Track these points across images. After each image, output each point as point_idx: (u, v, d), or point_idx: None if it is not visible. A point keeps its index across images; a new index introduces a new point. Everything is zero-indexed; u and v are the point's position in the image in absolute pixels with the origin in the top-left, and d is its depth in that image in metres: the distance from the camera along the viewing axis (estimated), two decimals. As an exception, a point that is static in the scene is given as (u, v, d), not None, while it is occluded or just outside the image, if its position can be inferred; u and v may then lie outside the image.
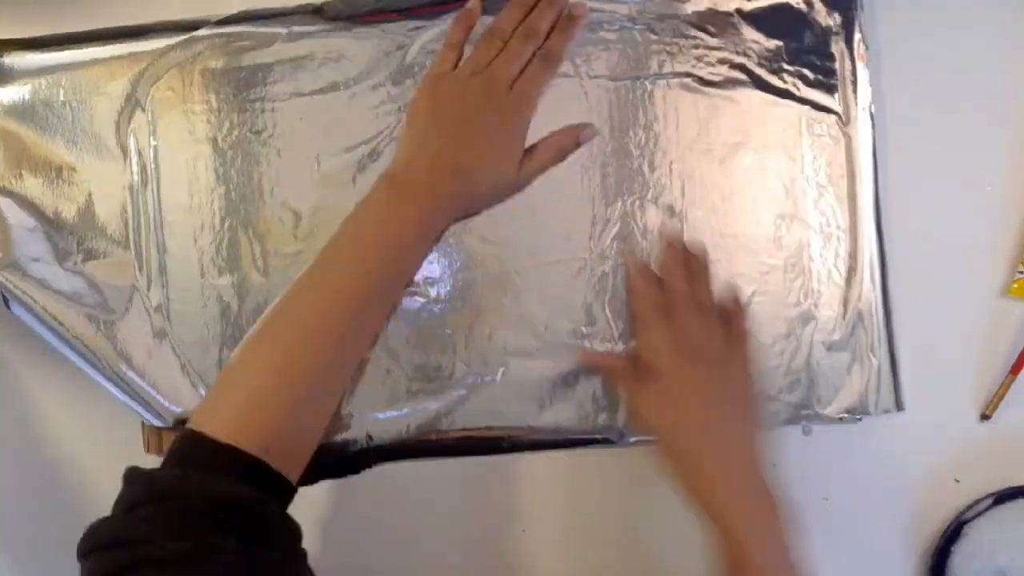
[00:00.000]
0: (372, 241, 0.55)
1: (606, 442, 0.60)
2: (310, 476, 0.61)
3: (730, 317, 0.57)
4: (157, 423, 0.61)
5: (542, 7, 0.59)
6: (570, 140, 0.60)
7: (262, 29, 0.61)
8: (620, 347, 0.60)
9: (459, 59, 0.59)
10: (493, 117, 0.56)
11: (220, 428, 0.49)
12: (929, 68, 0.62)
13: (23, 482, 0.60)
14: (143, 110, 0.62)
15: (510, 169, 0.57)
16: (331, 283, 0.54)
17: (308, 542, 0.62)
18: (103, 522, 0.45)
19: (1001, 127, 0.62)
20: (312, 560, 0.62)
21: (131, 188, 0.62)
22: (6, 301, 0.61)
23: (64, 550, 0.50)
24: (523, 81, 0.57)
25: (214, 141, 0.62)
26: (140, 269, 0.62)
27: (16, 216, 0.62)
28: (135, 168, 0.62)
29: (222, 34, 0.62)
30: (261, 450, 0.48)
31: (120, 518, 0.45)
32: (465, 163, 0.56)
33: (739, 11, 0.60)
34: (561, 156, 0.60)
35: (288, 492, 0.51)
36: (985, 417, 0.61)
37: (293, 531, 0.49)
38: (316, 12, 0.61)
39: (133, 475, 0.47)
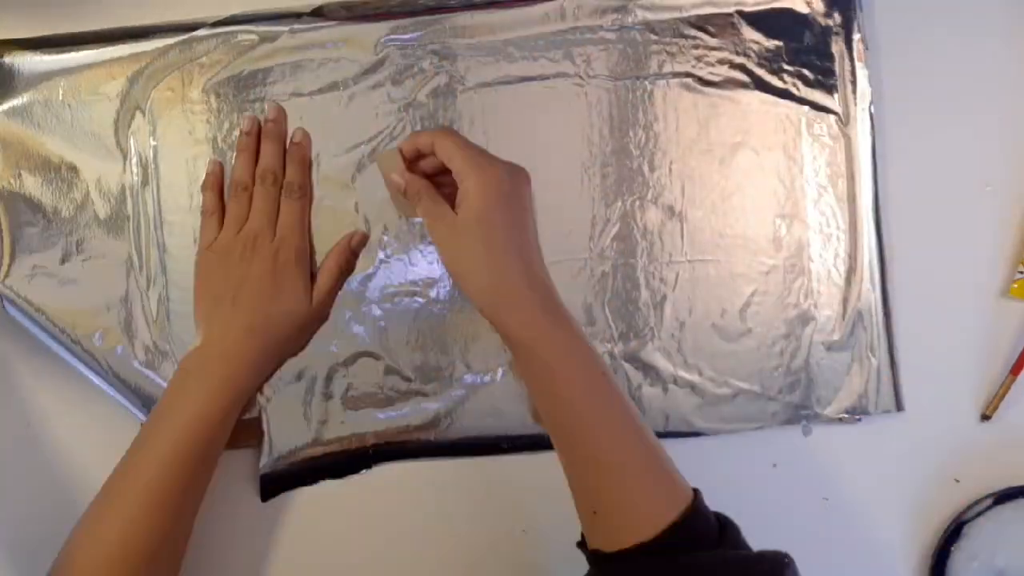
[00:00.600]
0: (172, 427, 0.54)
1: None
2: (310, 476, 0.61)
3: None
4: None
5: (265, 147, 0.60)
6: (344, 254, 0.60)
7: (262, 29, 0.61)
8: (620, 347, 0.60)
9: (220, 223, 0.59)
10: (265, 268, 0.57)
11: None
12: (929, 68, 0.62)
13: (22, 482, 0.60)
14: (143, 110, 0.62)
15: (301, 306, 0.58)
16: (136, 475, 0.54)
17: (308, 542, 0.62)
18: None
19: (1001, 127, 0.61)
20: (312, 560, 0.62)
21: (131, 188, 0.62)
22: (2, 303, 0.61)
23: (64, 550, 0.50)
24: (282, 222, 0.58)
25: (214, 141, 0.62)
26: (140, 269, 0.62)
27: (15, 216, 0.62)
28: (135, 168, 0.62)
29: (222, 34, 0.62)
30: None
31: None
32: (255, 321, 0.56)
33: (739, 11, 0.60)
34: (347, 270, 0.60)
35: None
36: (985, 417, 0.61)
37: None
38: (315, 13, 0.61)
39: None
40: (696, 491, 0.49)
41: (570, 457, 0.52)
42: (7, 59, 0.62)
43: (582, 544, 0.51)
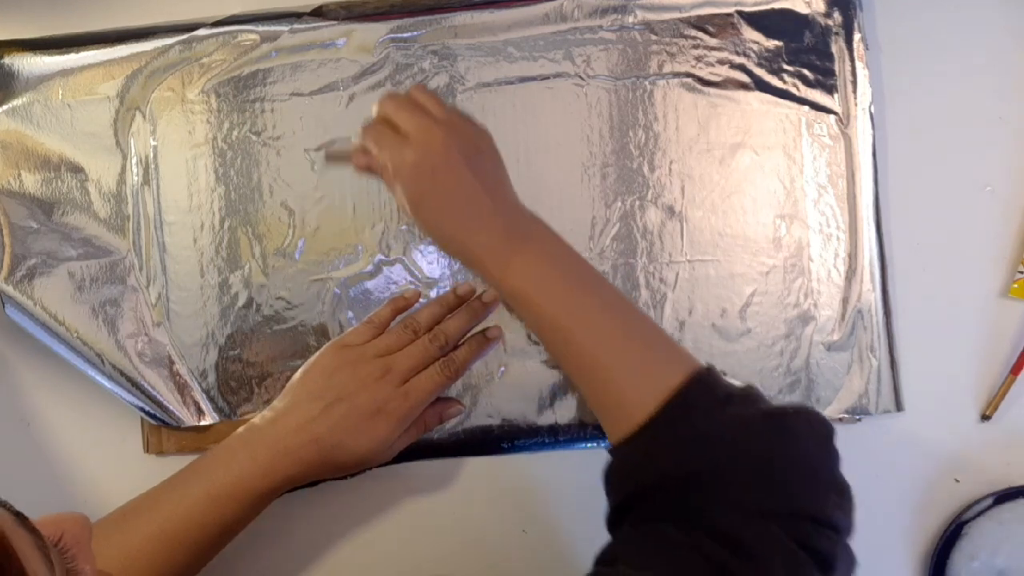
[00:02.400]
0: (204, 484, 0.54)
1: (606, 441, 0.60)
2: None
3: None
4: (156, 422, 0.62)
5: (460, 313, 0.59)
6: (434, 419, 0.60)
7: (262, 30, 0.61)
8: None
9: (374, 337, 0.58)
10: (374, 404, 0.55)
11: None
12: (929, 68, 0.62)
13: (22, 482, 0.60)
14: (143, 110, 0.62)
15: (373, 455, 0.57)
16: (150, 511, 0.54)
17: (308, 542, 0.62)
18: None
19: (1001, 127, 0.61)
20: (313, 560, 0.62)
21: (131, 188, 0.62)
22: (2, 304, 0.61)
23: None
24: (417, 381, 0.57)
25: (214, 141, 0.62)
26: (140, 269, 0.62)
27: (15, 216, 0.61)
28: (135, 168, 0.62)
29: (222, 34, 0.62)
30: None
31: None
32: (326, 440, 0.55)
33: (739, 11, 0.60)
34: (426, 431, 0.60)
35: None
36: (985, 417, 0.61)
37: None
38: (315, 13, 0.61)
39: None
40: (705, 368, 0.50)
41: (563, 368, 0.56)
42: (7, 60, 0.62)
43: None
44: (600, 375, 0.52)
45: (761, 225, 0.60)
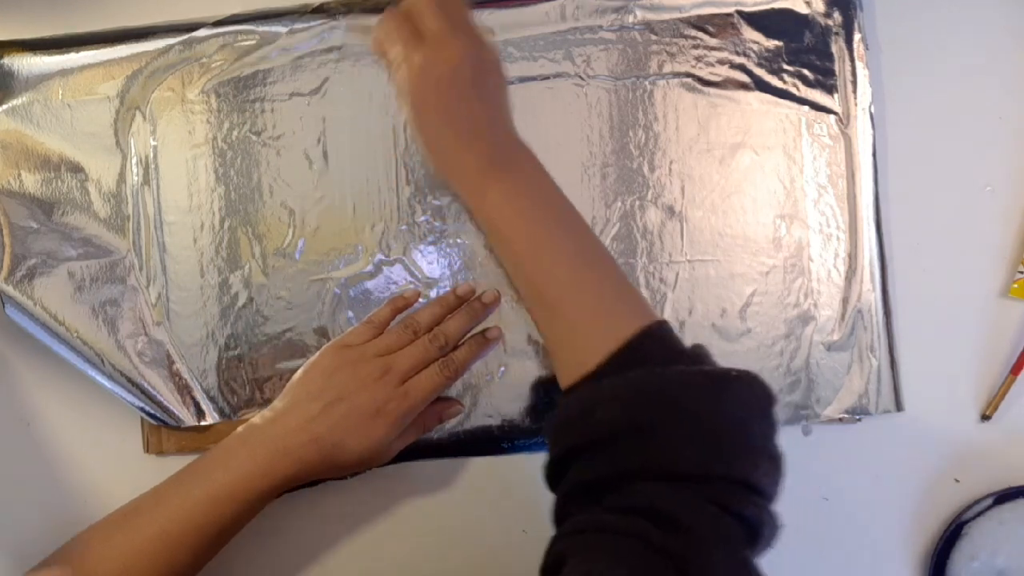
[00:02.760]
0: (203, 484, 0.55)
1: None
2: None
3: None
4: (156, 422, 0.62)
5: (460, 313, 0.59)
6: (433, 420, 0.60)
7: (262, 29, 0.61)
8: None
9: (374, 337, 0.58)
10: (373, 404, 0.55)
11: None
12: (929, 68, 0.62)
13: (22, 482, 0.60)
14: (143, 110, 0.62)
15: (372, 455, 0.57)
16: (150, 512, 0.55)
17: (308, 542, 0.62)
18: None
19: (1001, 127, 0.61)
20: (313, 560, 0.62)
21: (131, 188, 0.62)
22: (2, 304, 0.61)
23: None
24: (416, 381, 0.57)
25: (214, 141, 0.62)
26: (140, 269, 0.62)
27: (15, 216, 0.61)
28: (135, 168, 0.62)
29: (222, 34, 0.62)
30: None
31: None
32: (326, 440, 0.55)
33: (739, 11, 0.60)
34: (425, 432, 0.60)
35: None
36: (985, 417, 0.61)
37: None
38: (316, 11, 0.61)
39: None
40: (658, 321, 0.50)
41: (525, 302, 0.57)
42: (7, 60, 0.62)
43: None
44: (558, 319, 0.52)
45: (761, 225, 0.60)
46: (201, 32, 0.61)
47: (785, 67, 0.60)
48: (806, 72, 0.60)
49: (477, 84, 0.54)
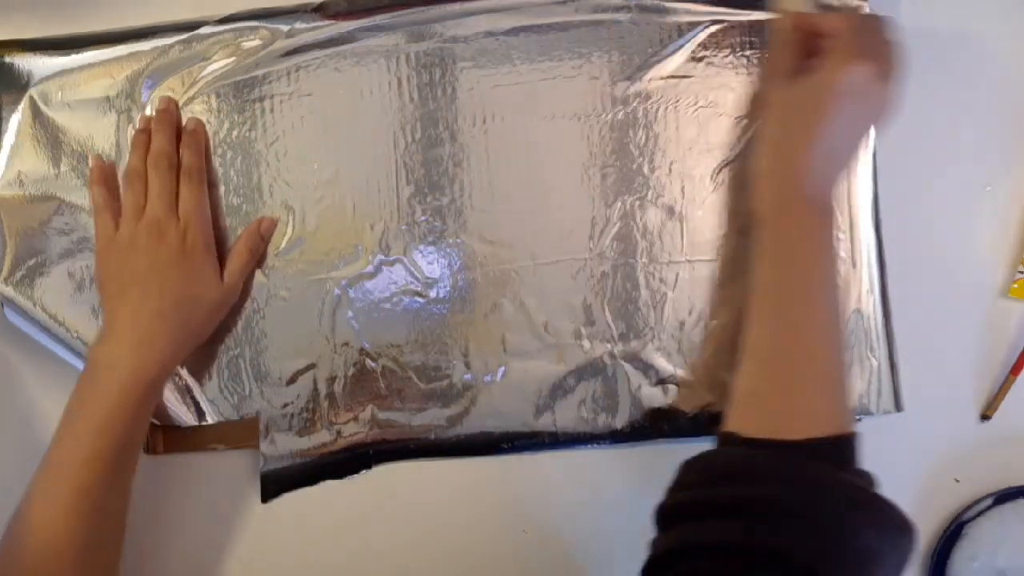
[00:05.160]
0: (76, 429, 0.54)
1: (606, 442, 0.60)
2: (310, 477, 0.61)
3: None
4: (156, 422, 0.62)
5: (156, 136, 0.59)
6: (254, 238, 0.60)
7: (262, 28, 0.61)
8: (620, 347, 0.60)
9: (117, 217, 0.58)
10: (173, 253, 0.56)
11: None
12: (929, 68, 0.61)
13: (22, 482, 0.60)
14: (143, 110, 0.62)
15: (211, 291, 0.58)
16: (50, 469, 0.54)
17: (308, 542, 0.62)
18: None
19: (1001, 127, 0.61)
20: (312, 560, 0.62)
21: (131, 188, 0.62)
22: (2, 306, 0.61)
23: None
24: (183, 208, 0.58)
25: (214, 141, 0.62)
26: (140, 269, 0.61)
27: (15, 217, 0.61)
28: (135, 168, 0.62)
29: (222, 33, 0.61)
30: None
31: None
32: (165, 306, 0.56)
33: (740, 12, 0.60)
34: (256, 255, 0.61)
35: None
36: (985, 417, 0.61)
37: None
38: (317, 10, 0.61)
39: None
40: (857, 433, 0.49)
41: (781, 328, 0.52)
42: (7, 60, 0.62)
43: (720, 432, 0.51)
44: (783, 367, 0.51)
45: (761, 225, 0.60)
46: (201, 32, 0.61)
47: (785, 67, 0.60)
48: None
49: (871, 119, 0.54)
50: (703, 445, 0.61)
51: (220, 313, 0.60)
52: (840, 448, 0.48)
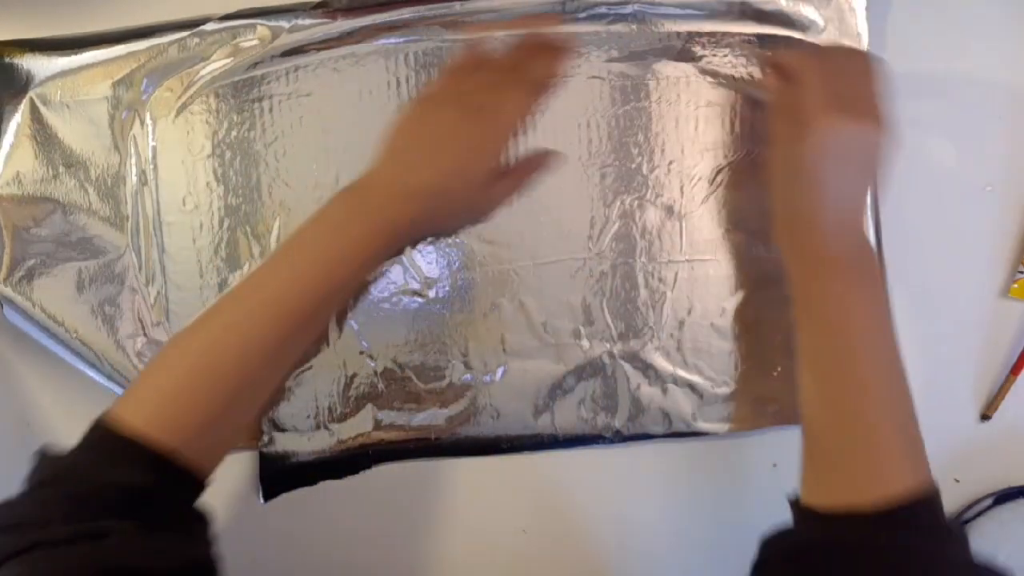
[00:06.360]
0: (312, 255, 0.53)
1: (605, 442, 0.60)
2: (310, 477, 0.61)
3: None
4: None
5: (528, 39, 0.58)
6: (532, 167, 0.59)
7: (262, 27, 0.61)
8: (619, 347, 0.60)
9: (451, 84, 0.57)
10: (462, 142, 0.55)
11: (134, 420, 0.47)
12: (929, 67, 0.62)
13: (23, 482, 0.60)
14: (141, 111, 0.62)
15: (476, 196, 0.56)
16: (265, 288, 0.53)
17: (308, 542, 0.62)
18: (3, 503, 0.45)
19: (1001, 127, 0.61)
20: (312, 560, 0.62)
21: (130, 188, 0.62)
22: (1, 306, 0.61)
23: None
24: (503, 107, 0.56)
25: (213, 141, 0.62)
26: (139, 269, 0.62)
27: (15, 216, 0.62)
28: (134, 169, 0.62)
29: (221, 32, 0.61)
30: (170, 447, 0.47)
31: (17, 501, 0.45)
32: (424, 187, 0.54)
33: (741, 11, 0.60)
34: (528, 183, 0.59)
35: (195, 487, 0.50)
36: (985, 417, 0.61)
37: (197, 518, 0.49)
38: (317, 7, 0.61)
39: (40, 456, 0.48)
40: (936, 487, 0.47)
41: (825, 394, 0.50)
42: (7, 60, 0.62)
43: (795, 503, 0.49)
44: (848, 430, 0.48)
45: (761, 224, 0.60)
46: (199, 31, 0.61)
47: (785, 67, 0.60)
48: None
49: (870, 172, 0.52)
50: (701, 444, 0.61)
51: (465, 222, 0.59)
52: (927, 507, 0.46)
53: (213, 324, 0.52)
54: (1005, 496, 0.59)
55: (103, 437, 0.47)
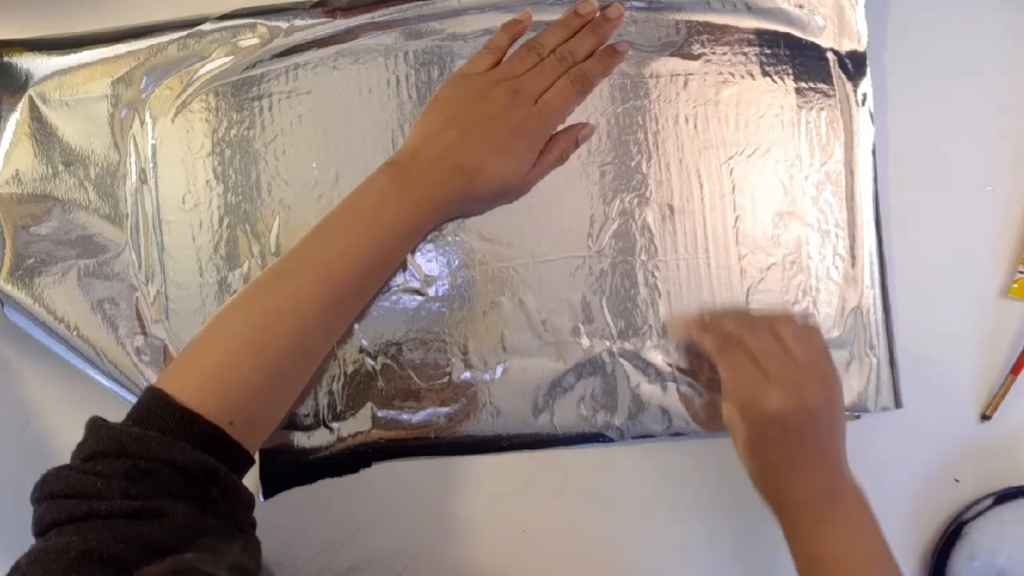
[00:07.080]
0: (361, 227, 0.54)
1: (605, 440, 0.60)
2: (310, 476, 0.61)
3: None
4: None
5: (585, 33, 0.59)
6: (570, 143, 0.60)
7: (261, 25, 0.61)
8: (618, 345, 0.60)
9: (495, 64, 0.58)
10: (508, 126, 0.56)
11: (185, 393, 0.48)
12: (929, 67, 0.62)
13: (23, 482, 0.60)
14: (141, 109, 0.62)
15: (513, 179, 0.57)
16: (315, 262, 0.54)
17: (308, 541, 0.62)
18: (59, 471, 0.46)
19: (1001, 127, 0.61)
20: (312, 559, 0.62)
21: (130, 187, 0.62)
22: (1, 304, 0.61)
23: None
24: (547, 98, 0.57)
25: (212, 140, 0.62)
26: (139, 267, 0.62)
27: (15, 216, 0.62)
28: (133, 167, 0.62)
29: (221, 31, 0.62)
30: (223, 421, 0.48)
31: (76, 469, 0.46)
32: (468, 165, 0.55)
33: (740, 10, 0.60)
34: (563, 159, 0.60)
35: (245, 463, 0.51)
36: (985, 417, 0.61)
37: (245, 500, 0.50)
38: (316, 6, 0.61)
39: (95, 426, 0.48)
40: None
41: None
42: (7, 59, 0.62)
43: None
44: None
45: (760, 222, 0.60)
46: (199, 29, 0.61)
47: (785, 65, 0.60)
48: (806, 70, 0.60)
49: (821, 421, 0.52)
50: (701, 443, 0.61)
51: (502, 201, 0.59)
52: None
53: (268, 299, 0.53)
54: (1005, 496, 0.59)
55: (159, 409, 0.48)
